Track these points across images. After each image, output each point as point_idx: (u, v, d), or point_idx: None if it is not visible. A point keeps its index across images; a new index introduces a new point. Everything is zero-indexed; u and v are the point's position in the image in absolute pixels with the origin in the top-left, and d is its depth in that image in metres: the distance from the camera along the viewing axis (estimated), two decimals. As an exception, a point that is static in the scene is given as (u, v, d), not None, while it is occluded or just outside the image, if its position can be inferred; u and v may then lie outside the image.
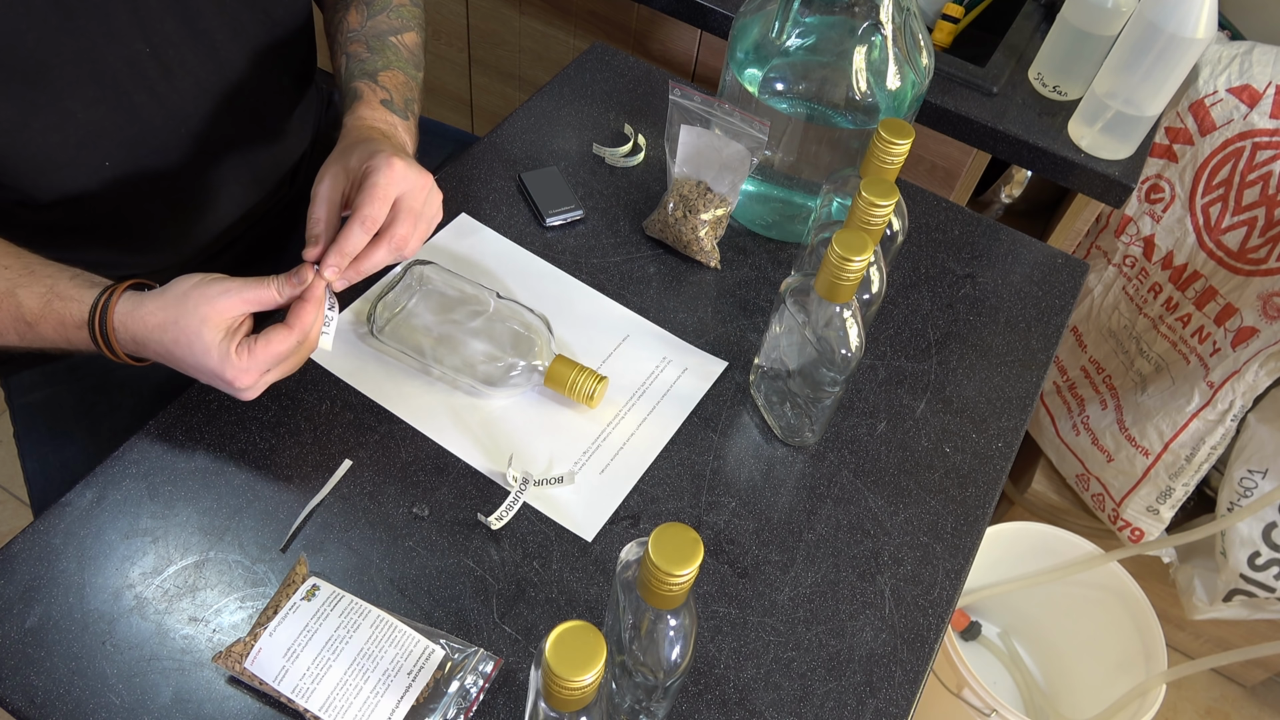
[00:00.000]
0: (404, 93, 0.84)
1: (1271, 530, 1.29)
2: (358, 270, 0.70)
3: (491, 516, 0.70)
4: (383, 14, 0.89)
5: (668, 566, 0.46)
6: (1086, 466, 1.50)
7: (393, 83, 0.84)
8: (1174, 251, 1.32)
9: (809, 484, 0.77)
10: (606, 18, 1.40)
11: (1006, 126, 1.13)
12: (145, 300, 0.66)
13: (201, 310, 0.64)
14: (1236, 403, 1.28)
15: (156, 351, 0.67)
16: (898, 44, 0.80)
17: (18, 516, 1.59)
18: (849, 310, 0.68)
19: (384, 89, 0.83)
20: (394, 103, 0.82)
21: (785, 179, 0.90)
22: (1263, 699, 1.65)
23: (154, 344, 0.66)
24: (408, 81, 0.85)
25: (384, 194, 0.68)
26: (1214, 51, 1.22)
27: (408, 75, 0.86)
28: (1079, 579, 1.33)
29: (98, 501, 0.69)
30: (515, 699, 0.63)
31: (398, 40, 0.88)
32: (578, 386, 0.76)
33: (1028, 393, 0.86)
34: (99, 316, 0.66)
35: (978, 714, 1.22)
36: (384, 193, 0.68)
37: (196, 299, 0.65)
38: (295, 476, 0.72)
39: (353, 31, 0.87)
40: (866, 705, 0.66)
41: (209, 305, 0.64)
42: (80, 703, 0.60)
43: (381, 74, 0.83)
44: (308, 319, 0.67)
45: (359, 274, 0.70)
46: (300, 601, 0.63)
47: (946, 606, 0.71)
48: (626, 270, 0.90)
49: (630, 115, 1.04)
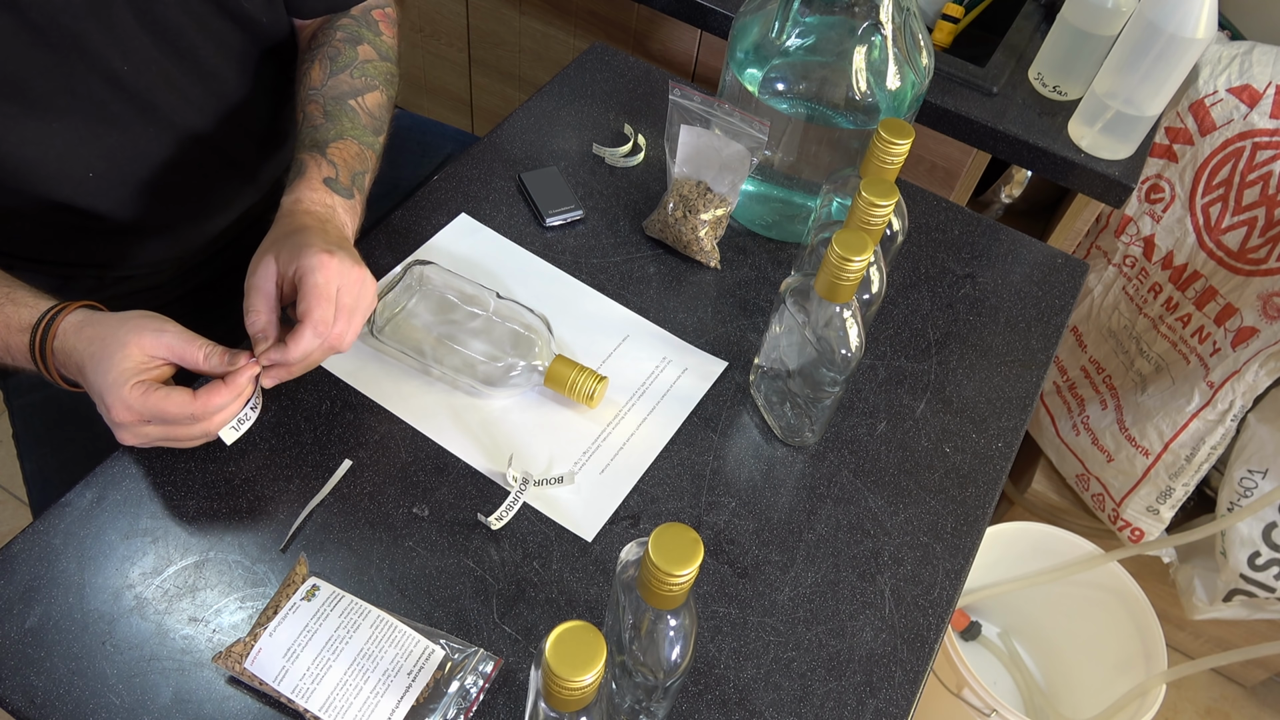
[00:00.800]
0: (353, 166, 0.79)
1: (1271, 530, 1.29)
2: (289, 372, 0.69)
3: (491, 516, 0.70)
4: (345, 72, 0.84)
5: (668, 566, 0.46)
6: (1086, 466, 1.50)
7: (341, 156, 0.79)
8: (1174, 251, 1.32)
9: (809, 484, 0.77)
10: (606, 18, 1.40)
11: (1006, 126, 1.13)
12: (93, 317, 0.66)
13: (128, 337, 0.63)
14: (1236, 403, 1.28)
15: (77, 363, 0.65)
16: (898, 44, 0.80)
17: (18, 516, 1.59)
18: (849, 310, 0.68)
19: (331, 164, 0.78)
20: (339, 180, 0.77)
21: (785, 179, 0.90)
22: (1263, 699, 1.65)
23: (77, 354, 0.65)
24: (360, 153, 0.81)
25: (328, 293, 0.67)
26: (1214, 51, 1.22)
27: (361, 145, 0.81)
28: (1079, 579, 1.33)
29: (98, 501, 0.69)
30: (515, 699, 0.63)
31: (357, 104, 0.83)
32: (578, 386, 0.76)
33: (1028, 393, 0.86)
34: (46, 321, 0.66)
35: (978, 714, 1.22)
36: (327, 292, 0.67)
37: (131, 327, 0.64)
38: (295, 476, 0.72)
39: (313, 90, 0.83)
40: (866, 705, 0.66)
41: (136, 336, 0.63)
42: (80, 703, 0.60)
43: (331, 145, 0.79)
44: (215, 400, 0.64)
45: (290, 375, 0.69)
46: (300, 602, 0.63)
47: (946, 606, 0.71)
48: (626, 270, 0.90)
49: (630, 115, 1.04)
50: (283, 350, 0.66)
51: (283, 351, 0.66)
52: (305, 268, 0.67)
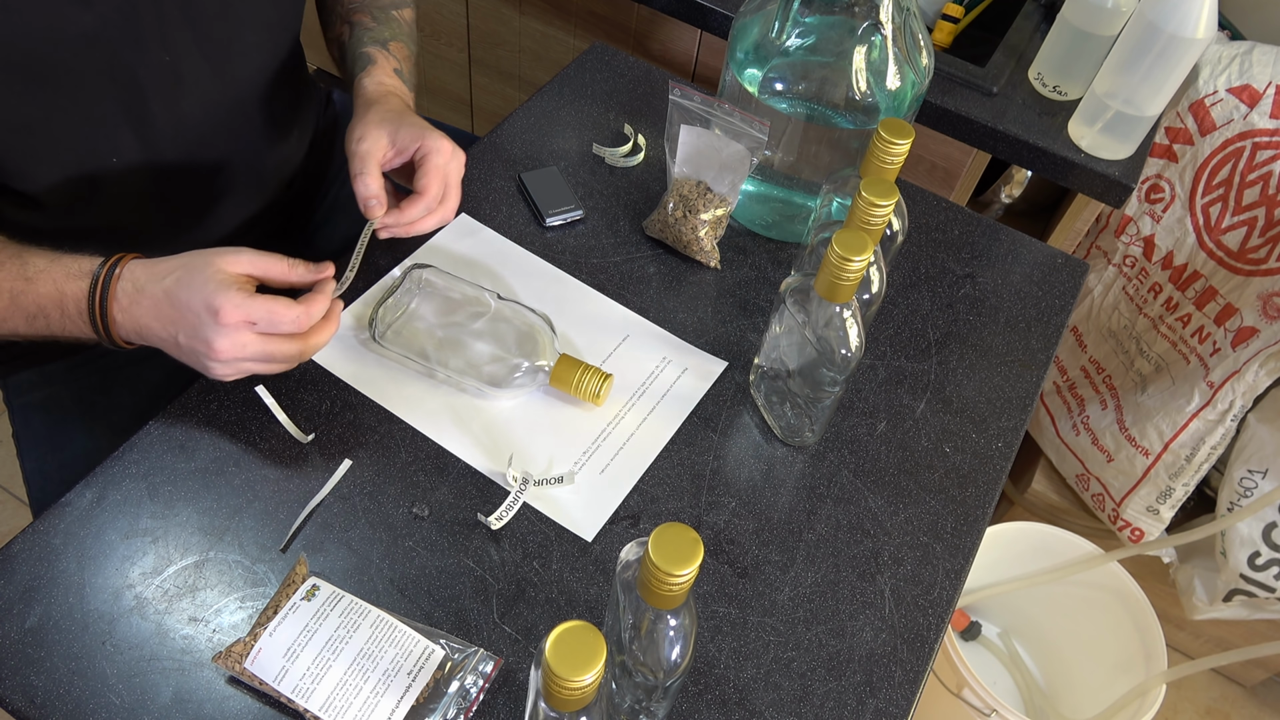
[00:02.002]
0: (409, 65, 0.89)
1: (1271, 530, 1.29)
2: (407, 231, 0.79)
3: (491, 516, 0.70)
4: None
5: (668, 566, 0.46)
6: (1086, 466, 1.50)
7: (400, 54, 0.88)
8: (1174, 251, 1.32)
9: (809, 484, 0.77)
10: (606, 18, 1.40)
11: (1006, 126, 1.13)
12: (158, 258, 0.69)
13: (210, 259, 0.66)
14: (1236, 403, 1.28)
15: (153, 298, 0.66)
16: (898, 44, 0.80)
17: (18, 516, 1.59)
18: (849, 310, 0.68)
19: (395, 58, 0.87)
20: (404, 73, 0.87)
21: (785, 179, 0.90)
22: (1263, 699, 1.65)
23: (156, 285, 0.66)
24: (409, 55, 0.90)
25: (444, 175, 0.77)
26: (1214, 51, 1.22)
27: (408, 50, 0.91)
28: (1079, 579, 1.33)
29: (98, 501, 0.69)
30: (515, 699, 0.63)
31: (399, 15, 0.92)
32: (584, 385, 0.76)
33: (1028, 393, 0.86)
34: (109, 267, 0.67)
35: (978, 714, 1.22)
36: (443, 174, 0.77)
37: (208, 252, 0.67)
38: (295, 476, 0.72)
39: (355, 2, 0.91)
40: (866, 705, 0.66)
41: (218, 256, 0.67)
42: (80, 703, 0.60)
43: (391, 43, 0.88)
44: (316, 307, 0.68)
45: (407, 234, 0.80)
46: (300, 601, 0.63)
47: (946, 606, 0.71)
48: (626, 270, 0.90)
49: (630, 115, 1.04)
50: (397, 214, 0.77)
51: (397, 215, 0.77)
52: (429, 148, 0.77)
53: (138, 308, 0.67)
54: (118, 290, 0.67)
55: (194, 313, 0.65)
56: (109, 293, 0.67)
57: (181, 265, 0.67)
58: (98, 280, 0.67)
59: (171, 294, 0.66)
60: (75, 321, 0.68)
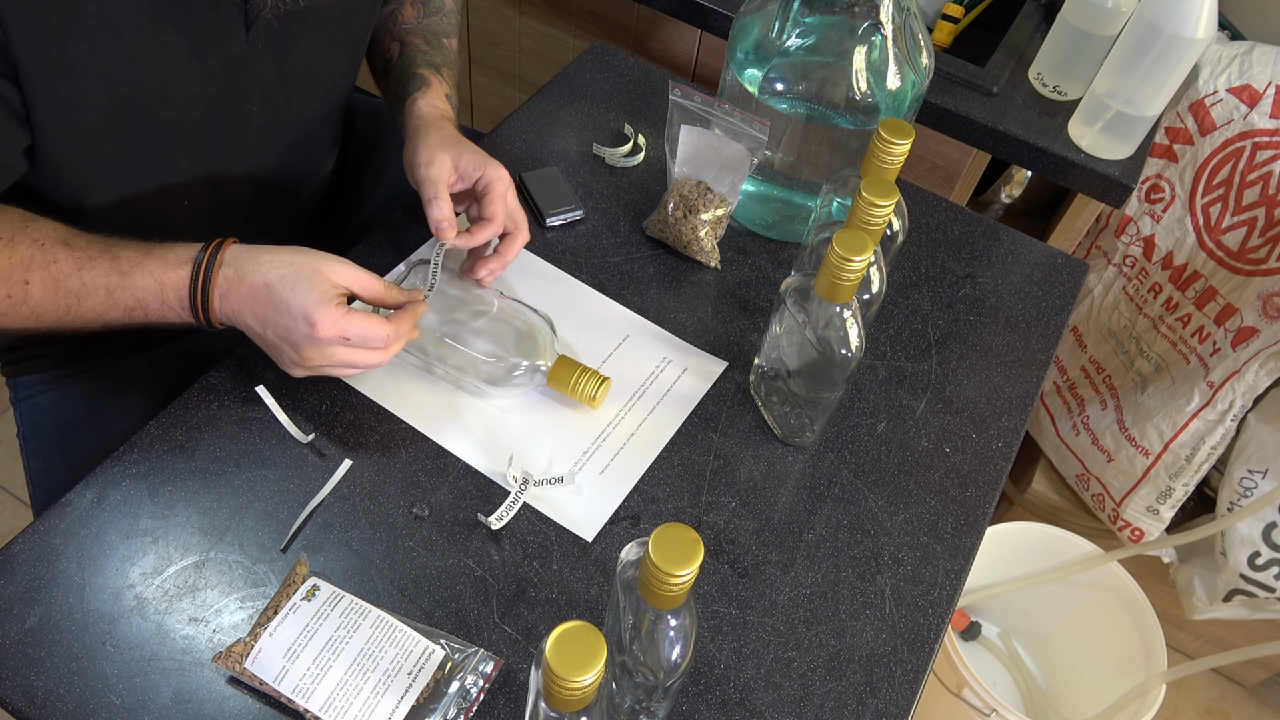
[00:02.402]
0: (455, 93, 0.92)
1: (1271, 530, 1.29)
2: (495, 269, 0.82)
3: (491, 517, 0.70)
4: (436, 15, 0.95)
5: (668, 566, 0.46)
6: (1086, 466, 1.50)
7: (449, 81, 0.91)
8: (1174, 251, 1.32)
9: (809, 484, 0.77)
10: (606, 18, 1.40)
11: (1006, 126, 1.13)
12: (261, 247, 0.69)
13: (317, 264, 0.68)
14: (1236, 403, 1.28)
15: (252, 288, 0.67)
16: (898, 44, 0.80)
17: (18, 516, 1.59)
18: (849, 310, 0.68)
19: (446, 84, 0.90)
20: (452, 99, 0.90)
21: (785, 179, 0.90)
22: (1263, 699, 1.65)
23: (256, 276, 0.67)
24: (456, 82, 0.93)
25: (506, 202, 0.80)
26: (1214, 51, 1.22)
27: (455, 79, 0.93)
28: (1079, 579, 1.33)
29: (98, 501, 0.69)
30: (515, 699, 0.63)
31: (447, 42, 0.95)
32: (580, 387, 0.76)
33: (1028, 393, 0.86)
34: (211, 251, 0.68)
35: (978, 714, 1.22)
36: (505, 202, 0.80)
37: (316, 257, 0.68)
38: (295, 476, 0.72)
39: (409, 24, 0.93)
40: (866, 705, 0.66)
41: (325, 264, 0.68)
42: (80, 703, 0.60)
43: (442, 69, 0.91)
44: (404, 326, 0.70)
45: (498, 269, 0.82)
46: (300, 602, 0.63)
47: (946, 606, 0.71)
48: (626, 270, 0.90)
49: (630, 115, 1.04)
50: (467, 236, 0.79)
51: (467, 238, 0.79)
52: (491, 178, 0.80)
53: (235, 294, 0.68)
54: (219, 277, 0.68)
55: (291, 316, 0.66)
56: (210, 279, 0.68)
57: (288, 264, 0.67)
58: (199, 267, 0.68)
59: (273, 290, 0.67)
60: (174, 309, 0.69)
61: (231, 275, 0.68)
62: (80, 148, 0.70)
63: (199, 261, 0.68)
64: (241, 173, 0.82)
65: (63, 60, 0.64)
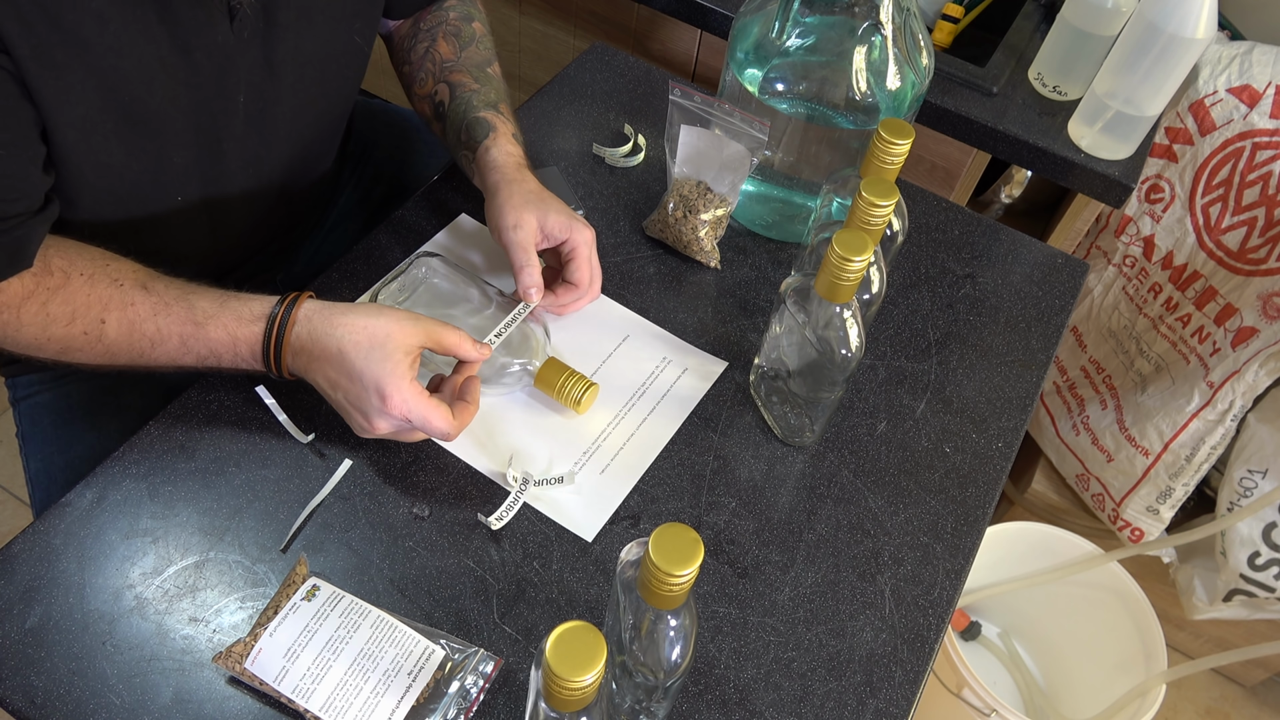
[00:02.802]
0: (516, 126, 0.88)
1: (1271, 530, 1.29)
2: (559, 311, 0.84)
3: (491, 517, 0.70)
4: (472, 45, 0.92)
5: (668, 566, 0.46)
6: (1086, 466, 1.50)
7: (509, 115, 0.88)
8: (1174, 251, 1.32)
9: (809, 484, 0.77)
10: (606, 18, 1.40)
11: (1006, 126, 1.13)
12: (334, 306, 0.69)
13: (395, 330, 0.67)
14: (1236, 403, 1.28)
15: (325, 350, 0.67)
16: (898, 44, 0.80)
17: (18, 516, 1.59)
18: (849, 310, 0.68)
19: (510, 121, 0.87)
20: (519, 137, 0.87)
21: (785, 179, 0.90)
22: (1263, 699, 1.65)
23: (329, 340, 0.67)
24: (512, 114, 0.90)
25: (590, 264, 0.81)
26: (1214, 51, 1.22)
27: (511, 109, 0.90)
28: (1079, 579, 1.33)
29: (98, 501, 0.69)
30: (515, 699, 0.63)
31: (493, 71, 0.92)
32: (566, 391, 0.76)
33: (1028, 393, 0.86)
34: (286, 305, 0.69)
35: (978, 714, 1.22)
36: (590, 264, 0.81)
37: (393, 319, 0.68)
38: (295, 476, 0.72)
39: (449, 62, 0.90)
40: (866, 705, 0.66)
41: (401, 326, 0.67)
42: (80, 703, 0.60)
43: (500, 104, 0.88)
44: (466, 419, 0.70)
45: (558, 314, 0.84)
46: (300, 602, 0.63)
47: (946, 606, 0.71)
48: (626, 270, 0.90)
49: (630, 115, 1.04)
50: (553, 298, 0.81)
51: (552, 298, 0.81)
52: (577, 241, 0.80)
53: (307, 354, 0.68)
54: (291, 336, 0.68)
55: (363, 386, 0.66)
56: (284, 337, 0.68)
57: (361, 328, 0.67)
58: (273, 324, 0.68)
59: (346, 356, 0.67)
60: (247, 360, 0.70)
61: (304, 335, 0.68)
62: (71, 143, 0.69)
63: (273, 316, 0.68)
64: (235, 168, 0.81)
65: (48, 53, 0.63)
